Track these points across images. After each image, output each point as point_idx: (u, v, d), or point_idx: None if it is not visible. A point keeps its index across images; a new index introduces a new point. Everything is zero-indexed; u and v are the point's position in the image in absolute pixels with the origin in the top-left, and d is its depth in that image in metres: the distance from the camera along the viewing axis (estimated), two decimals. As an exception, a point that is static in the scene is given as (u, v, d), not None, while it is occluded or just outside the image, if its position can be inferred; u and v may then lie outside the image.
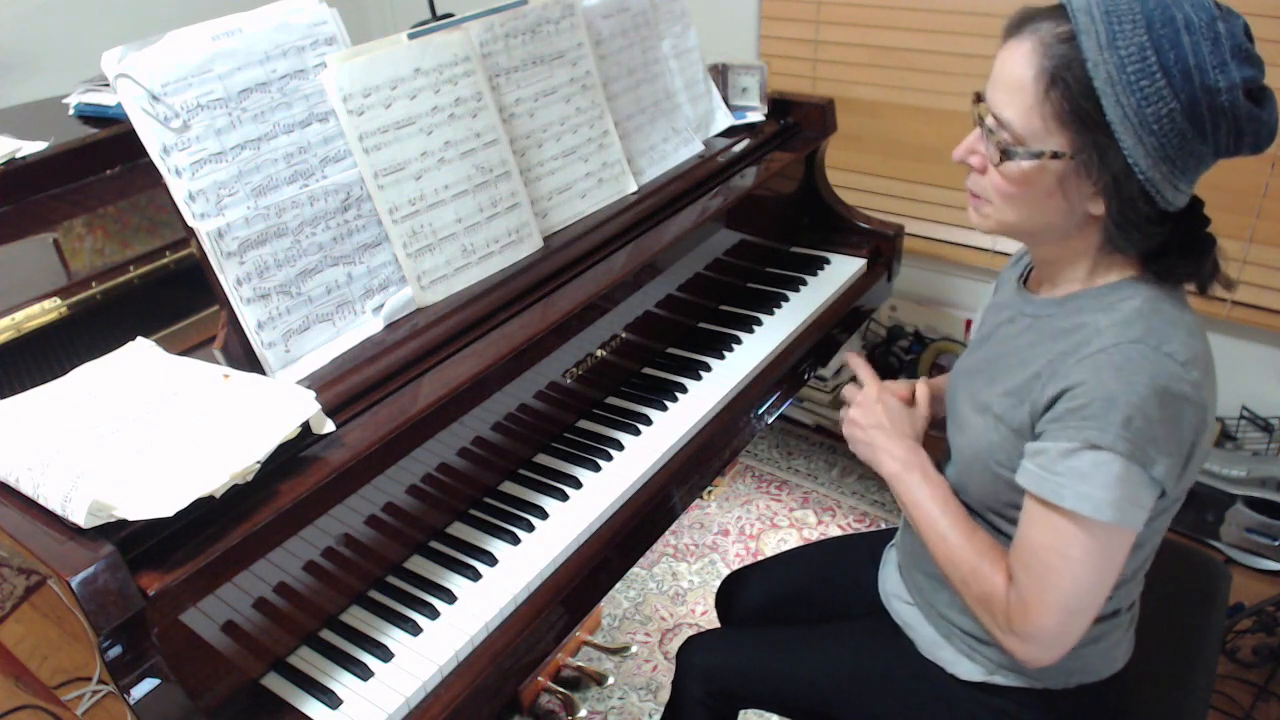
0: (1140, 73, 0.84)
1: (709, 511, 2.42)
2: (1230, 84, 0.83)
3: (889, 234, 1.85)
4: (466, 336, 1.20)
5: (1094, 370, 0.89)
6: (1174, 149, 0.86)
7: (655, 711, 1.90)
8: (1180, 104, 0.84)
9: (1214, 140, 0.86)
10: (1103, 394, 0.87)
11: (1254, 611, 1.84)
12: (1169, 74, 0.83)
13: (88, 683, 0.88)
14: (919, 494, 1.06)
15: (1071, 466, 0.89)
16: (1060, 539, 0.90)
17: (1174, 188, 0.88)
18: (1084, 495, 0.88)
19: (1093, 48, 0.85)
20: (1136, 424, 0.86)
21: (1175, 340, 0.89)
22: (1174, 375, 0.87)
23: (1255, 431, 2.04)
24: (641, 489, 1.29)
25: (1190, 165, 0.87)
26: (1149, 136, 0.85)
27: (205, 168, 1.04)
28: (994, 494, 1.01)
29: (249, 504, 0.94)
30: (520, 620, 1.10)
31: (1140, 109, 0.84)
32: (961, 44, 2.14)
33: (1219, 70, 0.83)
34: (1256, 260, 1.93)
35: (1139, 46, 0.84)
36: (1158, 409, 0.86)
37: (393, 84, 1.19)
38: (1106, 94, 0.85)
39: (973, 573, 0.99)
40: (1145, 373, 0.86)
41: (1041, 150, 0.90)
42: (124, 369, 1.06)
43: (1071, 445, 0.89)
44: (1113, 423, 0.86)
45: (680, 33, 1.69)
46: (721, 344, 1.58)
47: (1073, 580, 0.91)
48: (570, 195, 1.44)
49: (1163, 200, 0.88)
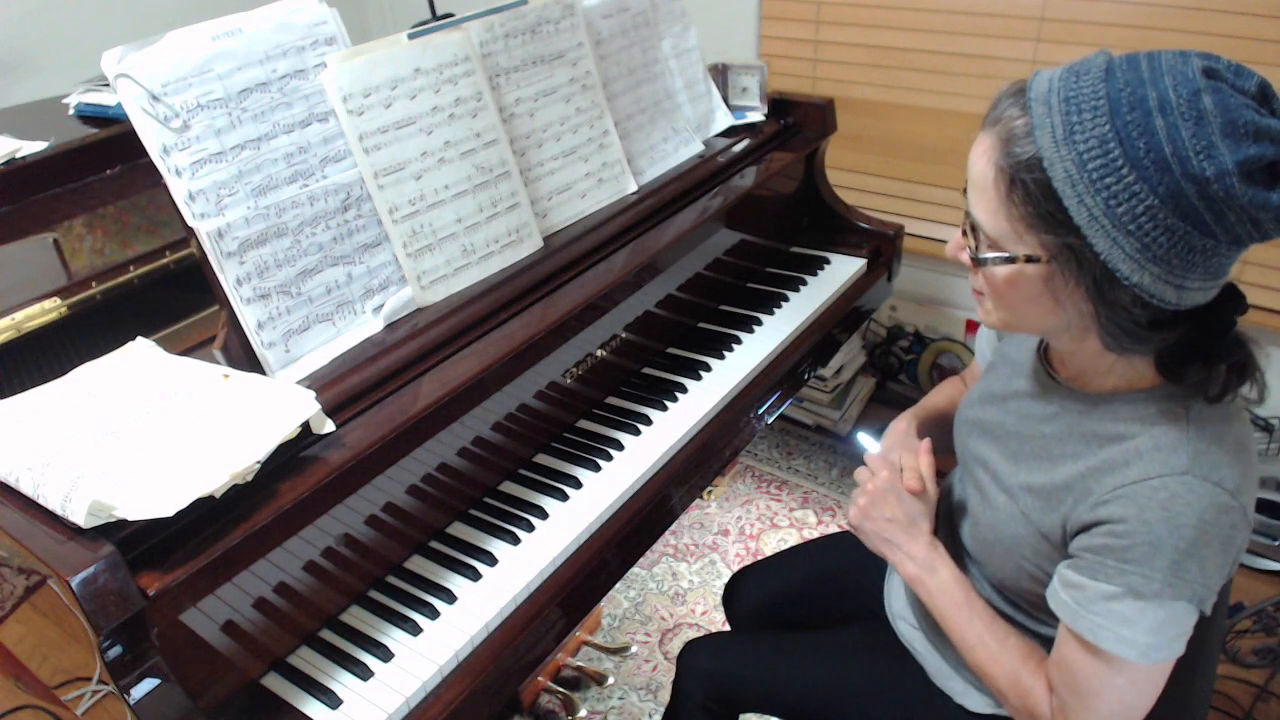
0: (1103, 169, 0.73)
1: (709, 511, 2.42)
2: (1220, 171, 0.71)
3: (889, 234, 1.85)
4: (466, 336, 1.20)
5: (1137, 507, 0.81)
6: (1163, 248, 0.74)
7: (655, 711, 1.90)
8: (1159, 199, 0.73)
9: (1223, 230, 0.74)
10: (1148, 537, 0.80)
11: (1254, 611, 1.84)
12: (1139, 167, 0.72)
13: (88, 683, 0.88)
14: (943, 600, 1.00)
15: (1111, 609, 0.83)
16: (1101, 671, 0.85)
17: (1176, 288, 0.77)
18: (1126, 640, 0.82)
19: (1048, 144, 0.75)
20: (1185, 567, 0.80)
21: (1224, 466, 0.80)
22: (1224, 508, 0.80)
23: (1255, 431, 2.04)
24: (641, 489, 1.29)
25: (1196, 262, 0.75)
26: (1125, 238, 0.74)
27: (205, 168, 1.04)
28: (1015, 582, 0.97)
29: (249, 504, 0.94)
30: (520, 620, 1.10)
31: (1110, 209, 0.74)
32: (961, 44, 2.14)
33: (1204, 156, 0.71)
34: (1256, 260, 1.93)
35: (1099, 139, 0.73)
36: (1206, 548, 0.80)
37: (393, 84, 1.19)
38: (1068, 195, 0.75)
39: (1012, 685, 0.94)
40: (1193, 510, 0.79)
41: (1014, 255, 0.82)
42: (124, 369, 1.06)
43: (1113, 589, 0.82)
44: (1159, 569, 0.80)
45: (680, 33, 1.69)
46: (721, 344, 1.58)
47: (1119, 703, 0.86)
48: (570, 195, 1.44)
49: (1161, 303, 0.78)
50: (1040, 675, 0.93)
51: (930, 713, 1.11)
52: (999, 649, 0.96)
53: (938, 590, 1.01)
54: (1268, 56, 1.78)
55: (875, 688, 1.16)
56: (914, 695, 1.13)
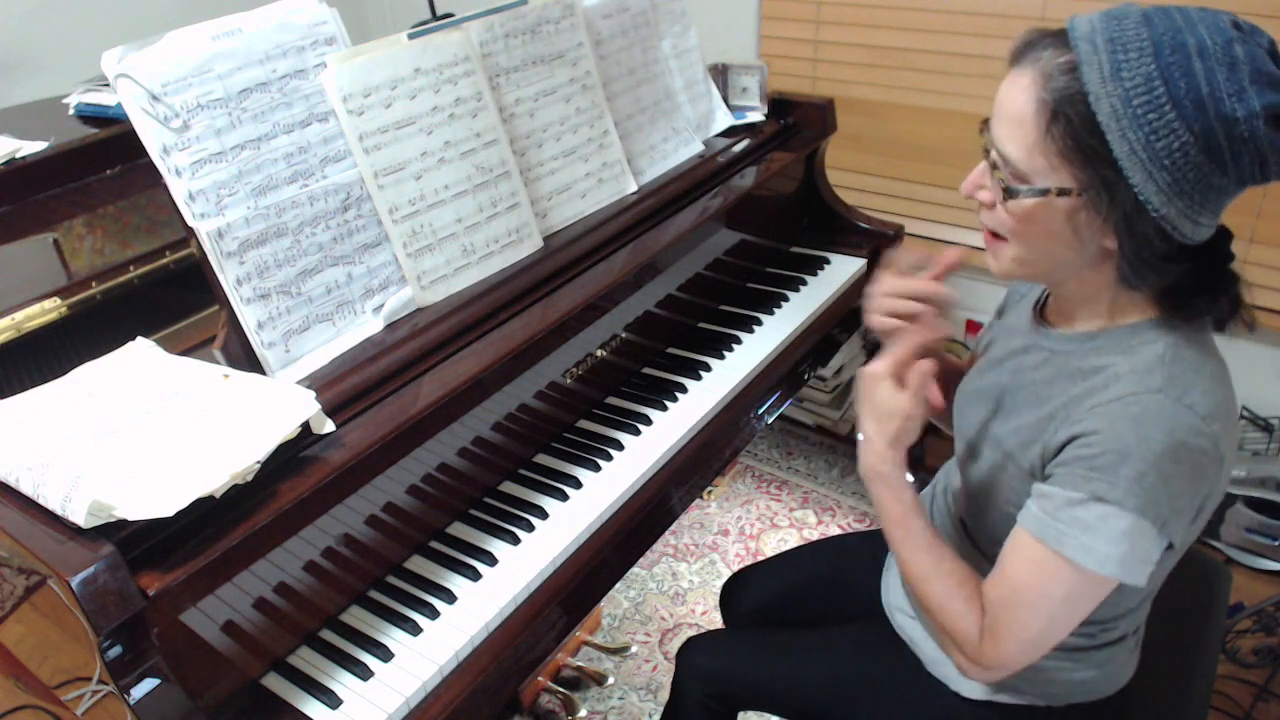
0: (1148, 105, 0.78)
1: (709, 511, 2.42)
2: (1249, 113, 0.77)
3: (889, 234, 1.86)
4: (466, 336, 1.20)
5: (1109, 419, 0.85)
6: (1189, 183, 0.80)
7: (655, 711, 1.90)
8: (1194, 136, 0.78)
9: (1235, 171, 0.80)
10: (1116, 446, 0.83)
11: (1254, 611, 1.84)
12: (1179, 105, 0.78)
13: (88, 683, 0.88)
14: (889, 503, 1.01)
15: (1076, 516, 0.86)
16: (1047, 580, 0.88)
17: (1193, 222, 0.83)
18: (1087, 547, 0.85)
19: (1095, 80, 0.80)
20: (1149, 480, 0.82)
21: (1197, 390, 0.85)
22: (1193, 429, 0.83)
23: (1255, 431, 2.04)
24: (641, 489, 1.29)
25: (1210, 198, 0.82)
26: (1160, 172, 0.80)
27: (205, 168, 1.04)
28: (1004, 531, 0.98)
29: (249, 504, 0.94)
30: (520, 620, 1.10)
31: (1149, 143, 0.79)
32: (961, 44, 2.14)
33: (1235, 98, 0.77)
34: (1256, 260, 1.93)
35: (1145, 77, 0.78)
36: (1173, 465, 0.82)
37: (393, 84, 1.19)
38: (1112, 129, 0.80)
39: (945, 603, 0.97)
40: (1163, 426, 0.83)
41: (1047, 188, 0.85)
42: (124, 369, 1.06)
43: (1078, 495, 0.85)
44: (1124, 477, 0.83)
45: (680, 33, 1.69)
46: (721, 344, 1.58)
47: (1049, 619, 0.90)
48: (570, 195, 1.44)
49: (1180, 235, 0.83)
50: (975, 599, 0.95)
51: (926, 702, 1.12)
52: (934, 568, 0.98)
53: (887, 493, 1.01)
54: (1268, 56, 1.78)
55: (872, 681, 1.17)
56: (910, 686, 1.14)
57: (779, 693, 1.23)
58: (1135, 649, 1.09)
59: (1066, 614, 0.90)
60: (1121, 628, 1.03)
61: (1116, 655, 1.05)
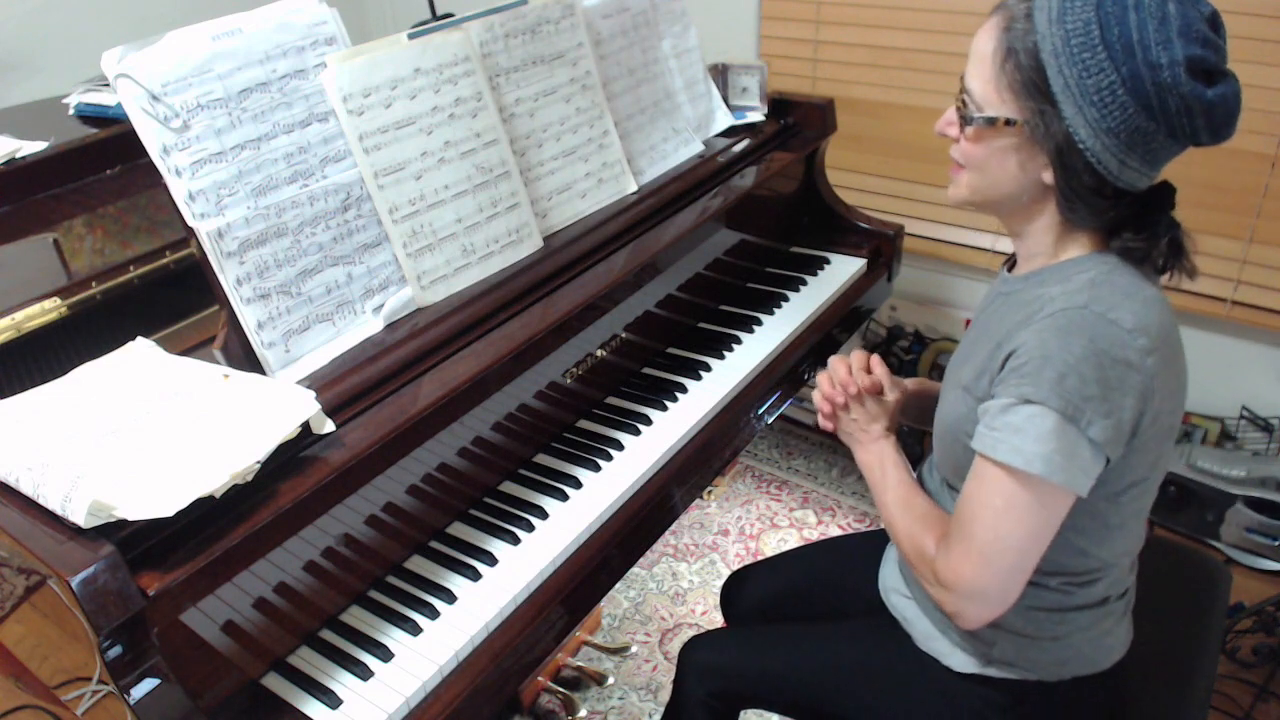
0: (1082, 45, 0.88)
1: (709, 511, 2.42)
2: (1171, 60, 0.85)
3: (889, 234, 1.85)
4: (466, 336, 1.20)
5: (1037, 333, 0.92)
6: (1117, 122, 0.89)
7: (655, 711, 1.90)
8: (1120, 77, 0.87)
9: (1164, 120, 0.88)
10: (1040, 353, 0.91)
11: (1254, 611, 1.84)
12: (1110, 47, 0.87)
13: (88, 683, 0.88)
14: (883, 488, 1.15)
15: (1007, 421, 0.92)
16: (987, 490, 0.94)
17: (1119, 162, 0.91)
18: (1015, 448, 0.91)
19: (1044, 21, 0.90)
20: (1070, 381, 0.89)
21: (1123, 309, 0.91)
22: (1115, 340, 0.90)
23: (1255, 431, 2.04)
24: (641, 489, 1.29)
25: (1138, 142, 0.90)
26: (1089, 108, 0.89)
27: (205, 168, 1.04)
28: (967, 466, 1.02)
29: (249, 504, 0.94)
30: (520, 620, 1.10)
31: (1081, 80, 0.89)
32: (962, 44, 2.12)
33: (1161, 46, 0.86)
34: (1256, 260, 1.93)
35: (1084, 21, 0.88)
36: (1094, 370, 0.89)
37: (393, 84, 1.19)
38: (1050, 65, 0.90)
39: (913, 526, 1.07)
40: (1084, 335, 0.90)
41: (995, 117, 0.95)
42: (124, 369, 1.06)
43: (1008, 400, 0.92)
44: (1046, 379, 0.89)
45: (680, 33, 1.69)
46: (721, 344, 1.58)
47: (992, 530, 0.94)
48: (570, 195, 1.44)
49: (1106, 172, 0.92)
50: (938, 528, 1.04)
51: (920, 680, 1.14)
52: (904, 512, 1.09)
53: (866, 460, 1.18)
54: (1268, 56, 1.78)
55: (867, 666, 1.19)
56: (904, 666, 1.15)
57: (779, 687, 1.23)
58: (1124, 618, 1.10)
59: (1011, 525, 0.93)
60: (1100, 587, 1.04)
61: (1102, 620, 1.06)
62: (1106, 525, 0.99)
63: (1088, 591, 1.04)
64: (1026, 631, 1.05)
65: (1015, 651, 1.07)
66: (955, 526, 0.99)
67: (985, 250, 2.28)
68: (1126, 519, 1.01)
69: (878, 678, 1.17)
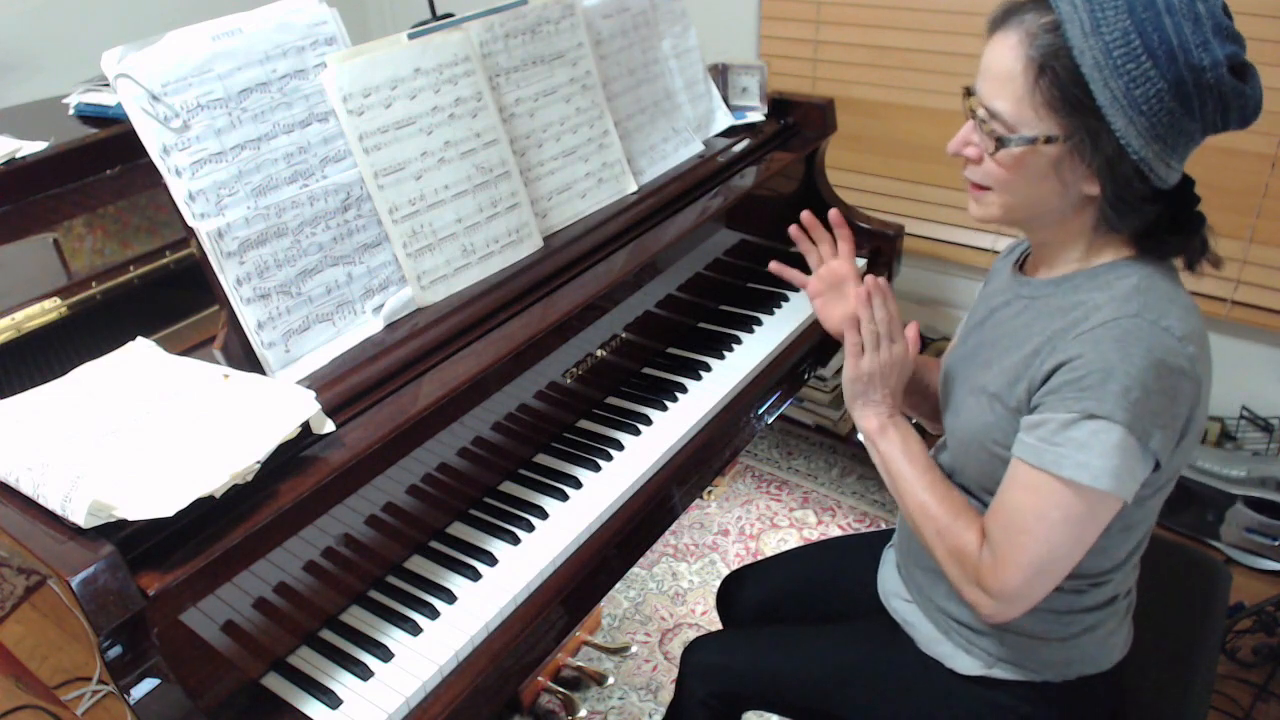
0: (1126, 56, 0.86)
1: (709, 511, 2.42)
2: (1214, 61, 0.85)
3: (889, 234, 1.85)
4: (466, 336, 1.20)
5: (1093, 343, 0.90)
6: (1164, 128, 0.88)
7: (655, 711, 1.90)
8: (1167, 83, 0.86)
9: (1201, 117, 0.88)
10: (1101, 365, 0.89)
11: (1254, 611, 1.84)
12: (1154, 55, 0.86)
13: (88, 683, 0.88)
14: (891, 456, 1.08)
15: (1070, 437, 0.90)
16: (1044, 502, 0.92)
17: (1166, 165, 0.90)
18: (1082, 464, 0.89)
19: (1078, 35, 0.87)
20: (1134, 395, 0.87)
21: (1172, 316, 0.91)
22: (1171, 349, 0.89)
23: (1255, 431, 2.04)
24: (641, 489, 1.29)
25: (1180, 143, 0.90)
26: (1139, 117, 0.87)
27: (205, 168, 1.04)
28: (991, 474, 1.01)
29: (249, 504, 0.94)
30: (520, 620, 1.10)
31: (1129, 91, 0.87)
32: (962, 44, 2.14)
33: (1202, 49, 0.85)
34: (1256, 260, 1.93)
35: (1123, 30, 0.86)
36: (1155, 381, 0.88)
37: (393, 84, 1.19)
38: (1095, 79, 0.87)
39: (948, 528, 1.01)
40: (1143, 345, 0.88)
41: (1035, 136, 0.92)
42: (124, 369, 1.06)
43: (1070, 416, 0.90)
44: (1111, 393, 0.88)
45: (680, 33, 1.69)
46: (721, 344, 1.58)
47: (1047, 542, 0.93)
48: (570, 195, 1.44)
49: (1156, 178, 0.91)
50: (973, 528, 1.00)
51: (923, 683, 1.14)
52: (936, 503, 1.03)
53: (887, 449, 1.09)
54: (1268, 56, 1.78)
55: (870, 668, 1.18)
56: (908, 669, 1.15)
57: (781, 690, 1.23)
58: (1126, 618, 1.10)
59: (1064, 536, 0.92)
60: (1111, 586, 1.04)
61: (1107, 620, 1.06)
62: (1126, 525, 0.99)
63: (1099, 591, 1.04)
64: (1036, 633, 1.05)
65: (1022, 653, 1.06)
66: (1001, 535, 0.96)
67: (985, 250, 2.28)
68: (1143, 518, 1.01)
69: (881, 681, 1.17)
